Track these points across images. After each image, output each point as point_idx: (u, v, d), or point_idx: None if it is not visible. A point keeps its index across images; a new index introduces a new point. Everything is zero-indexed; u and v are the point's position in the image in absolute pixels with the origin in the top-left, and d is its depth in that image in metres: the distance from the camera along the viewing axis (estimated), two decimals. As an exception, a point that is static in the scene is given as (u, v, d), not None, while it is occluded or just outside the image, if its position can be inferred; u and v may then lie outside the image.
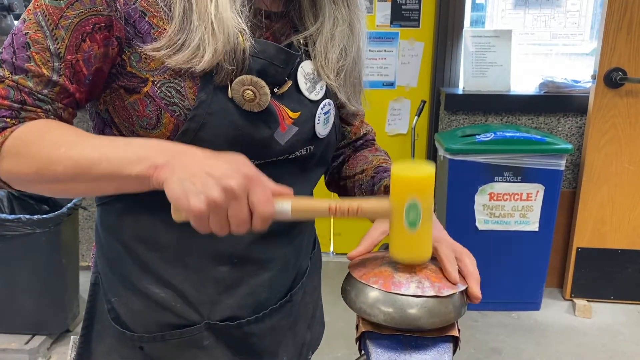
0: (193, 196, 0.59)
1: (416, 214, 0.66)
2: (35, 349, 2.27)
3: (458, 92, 2.94)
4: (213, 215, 0.60)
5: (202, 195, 0.58)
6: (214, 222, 0.61)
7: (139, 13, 0.70)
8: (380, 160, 0.94)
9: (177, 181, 0.60)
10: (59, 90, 0.70)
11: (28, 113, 0.69)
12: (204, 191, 0.59)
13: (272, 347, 0.87)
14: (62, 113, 0.72)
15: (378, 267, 0.73)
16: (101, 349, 0.85)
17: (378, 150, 1.01)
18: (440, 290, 0.69)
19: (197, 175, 0.59)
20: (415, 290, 0.68)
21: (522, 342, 2.53)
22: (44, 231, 2.21)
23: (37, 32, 0.68)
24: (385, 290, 0.68)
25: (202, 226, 0.62)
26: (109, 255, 0.84)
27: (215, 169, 0.60)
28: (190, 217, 0.61)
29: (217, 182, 0.59)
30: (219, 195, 0.59)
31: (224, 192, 0.59)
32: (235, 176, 0.60)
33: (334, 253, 3.29)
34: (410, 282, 0.69)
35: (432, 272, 0.72)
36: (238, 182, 0.59)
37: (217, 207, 0.59)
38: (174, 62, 0.69)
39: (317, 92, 0.82)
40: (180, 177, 0.60)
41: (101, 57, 0.71)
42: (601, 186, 2.74)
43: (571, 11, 3.06)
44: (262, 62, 0.74)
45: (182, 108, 0.71)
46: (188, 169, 0.60)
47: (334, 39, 0.81)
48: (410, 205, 0.66)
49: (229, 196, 0.59)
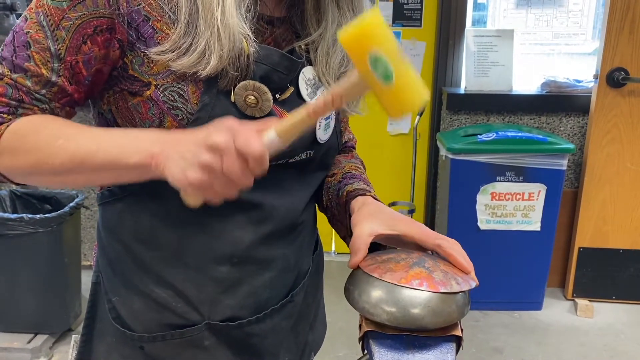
0: (188, 169, 0.59)
1: (383, 65, 0.61)
2: (37, 348, 2.28)
3: (460, 91, 2.94)
4: (214, 179, 0.60)
5: (194, 165, 0.59)
6: (218, 185, 0.60)
7: (142, 17, 0.70)
8: (351, 167, 0.94)
9: (173, 165, 0.61)
10: (57, 90, 0.70)
11: (25, 110, 0.70)
12: (193, 160, 0.59)
13: (273, 348, 0.87)
14: (59, 112, 0.72)
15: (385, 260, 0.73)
16: (102, 349, 0.85)
17: (354, 157, 1.01)
18: (464, 283, 0.70)
19: (185, 150, 0.60)
20: (453, 287, 0.69)
21: (523, 342, 2.53)
22: (46, 230, 2.21)
23: (38, 31, 0.68)
24: (432, 291, 0.68)
25: (212, 194, 0.61)
26: (110, 255, 0.84)
27: (197, 137, 0.60)
28: (196, 193, 0.61)
29: (202, 146, 0.59)
30: (207, 156, 0.59)
31: (211, 151, 0.59)
32: (216, 132, 0.59)
33: (335, 252, 3.29)
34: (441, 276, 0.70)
35: (445, 264, 0.73)
36: (220, 136, 0.59)
37: (211, 169, 0.59)
38: (179, 66, 0.69)
39: (318, 97, 0.82)
40: (175, 160, 0.61)
41: (101, 59, 0.71)
42: (603, 186, 2.74)
43: (573, 11, 3.05)
44: (265, 69, 0.74)
45: (184, 112, 0.71)
46: (179, 150, 0.61)
47: (336, 45, 0.81)
48: (373, 60, 0.61)
49: (216, 153, 0.59)
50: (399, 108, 0.65)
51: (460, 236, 0.78)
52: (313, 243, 0.97)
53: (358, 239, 0.77)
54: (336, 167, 0.95)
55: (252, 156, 0.59)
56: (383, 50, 0.61)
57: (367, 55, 0.61)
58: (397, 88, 0.63)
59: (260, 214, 0.80)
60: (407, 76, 0.63)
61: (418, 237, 0.77)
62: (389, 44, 0.62)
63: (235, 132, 0.60)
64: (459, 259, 0.73)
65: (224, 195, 0.62)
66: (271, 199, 0.80)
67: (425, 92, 0.65)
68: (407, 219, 0.80)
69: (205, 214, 0.76)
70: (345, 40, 0.62)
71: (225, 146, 0.59)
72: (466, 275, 0.73)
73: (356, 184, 0.89)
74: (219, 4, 0.69)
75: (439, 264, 0.72)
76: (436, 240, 0.75)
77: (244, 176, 0.61)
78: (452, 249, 0.74)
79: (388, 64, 0.61)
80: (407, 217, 0.81)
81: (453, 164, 2.59)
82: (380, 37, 0.61)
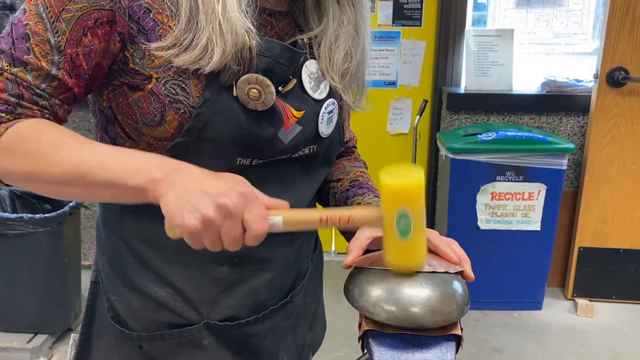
0: (188, 213, 0.59)
1: (407, 223, 0.66)
2: (37, 348, 2.28)
3: (460, 91, 2.94)
4: (206, 233, 0.61)
5: (196, 213, 0.59)
6: (207, 239, 0.61)
7: (143, 9, 0.69)
8: (357, 172, 0.95)
9: (173, 197, 0.60)
10: (57, 84, 0.69)
11: (24, 109, 0.68)
12: (198, 209, 0.59)
13: (272, 348, 0.87)
14: (58, 110, 0.71)
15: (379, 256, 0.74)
16: (101, 347, 0.85)
17: (357, 159, 1.01)
18: (449, 268, 0.72)
19: (192, 193, 0.60)
20: (427, 269, 0.71)
21: (523, 342, 2.53)
22: (46, 230, 2.21)
23: (37, 23, 0.67)
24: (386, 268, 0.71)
25: (195, 243, 0.62)
26: (109, 254, 0.84)
27: (211, 187, 0.60)
28: (184, 234, 0.61)
29: (212, 200, 0.59)
30: (214, 213, 0.59)
31: (219, 210, 0.59)
32: (230, 194, 0.60)
33: (335, 252, 3.29)
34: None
35: (434, 256, 0.76)
36: (233, 201, 0.60)
37: (211, 225, 0.60)
38: (182, 61, 0.69)
39: (321, 91, 0.81)
40: (177, 194, 0.60)
41: (102, 52, 0.70)
42: (603, 186, 2.74)
43: (573, 10, 3.05)
44: (267, 61, 0.74)
45: (186, 106, 0.71)
46: (185, 186, 0.61)
47: (338, 41, 0.81)
48: (401, 215, 0.65)
49: (223, 214, 0.60)
50: (401, 262, 0.70)
51: (460, 236, 0.79)
52: (313, 243, 0.97)
53: (356, 240, 0.78)
54: (341, 172, 0.95)
55: (254, 234, 0.61)
56: (414, 212, 0.65)
57: (398, 209, 0.66)
58: (406, 245, 0.67)
59: None
60: (419, 240, 0.68)
61: None
62: (421, 208, 0.66)
63: (248, 203, 0.61)
64: (446, 251, 0.76)
65: (207, 247, 0.63)
66: (274, 195, 0.79)
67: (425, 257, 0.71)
68: None
69: None
70: (386, 187, 0.66)
71: (233, 213, 0.60)
72: (455, 265, 0.75)
73: (367, 196, 0.89)
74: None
75: (429, 257, 0.74)
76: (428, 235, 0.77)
77: (236, 244, 0.62)
78: (437, 241, 0.77)
79: (411, 225, 0.66)
80: None
81: (453, 164, 2.58)
82: (418, 200, 0.66)
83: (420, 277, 0.70)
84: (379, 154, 3.15)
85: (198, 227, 0.59)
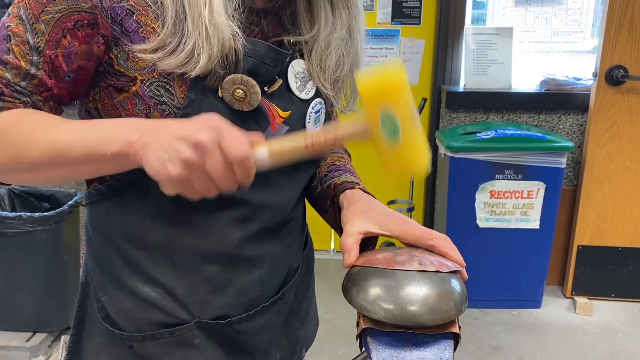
0: (169, 163, 0.58)
1: (393, 123, 0.60)
2: (36, 347, 2.28)
3: (459, 89, 2.94)
4: (194, 176, 0.59)
5: (176, 160, 0.58)
6: (197, 183, 0.60)
7: (125, 11, 0.69)
8: (335, 157, 0.94)
9: (152, 155, 0.60)
10: (37, 83, 0.70)
11: (6, 103, 0.69)
12: (176, 155, 0.58)
13: (264, 345, 0.87)
14: (42, 106, 0.72)
15: (378, 254, 0.73)
16: (91, 348, 0.85)
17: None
18: (441, 267, 0.71)
19: (167, 142, 0.59)
20: (417, 267, 0.69)
21: (522, 340, 2.53)
22: (45, 229, 2.21)
23: (18, 25, 0.68)
24: (388, 268, 0.69)
25: (190, 191, 0.61)
26: (98, 254, 0.83)
27: (182, 131, 0.59)
28: (174, 186, 0.60)
29: (186, 142, 0.58)
30: (191, 153, 0.58)
31: (195, 148, 0.58)
32: (202, 130, 0.59)
33: (334, 251, 3.30)
34: (412, 261, 0.70)
35: (431, 255, 0.74)
36: (206, 135, 0.58)
37: (193, 166, 0.59)
38: (167, 65, 0.69)
39: (307, 91, 0.81)
40: (154, 149, 0.60)
41: (84, 55, 0.70)
42: (602, 184, 2.74)
43: (572, 8, 3.05)
44: (253, 61, 0.73)
45: (171, 107, 0.71)
46: (158, 140, 0.60)
47: (330, 47, 0.80)
48: (384, 116, 0.60)
49: (200, 151, 0.58)
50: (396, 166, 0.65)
51: (459, 234, 0.79)
52: (303, 239, 0.97)
53: (349, 237, 0.77)
54: (320, 160, 0.94)
55: (235, 160, 0.59)
56: (396, 109, 0.59)
57: (380, 109, 0.60)
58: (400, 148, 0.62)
59: (248, 212, 0.79)
60: (413, 140, 0.62)
61: (410, 239, 0.77)
62: (404, 103, 0.60)
63: (221, 133, 0.59)
64: (454, 256, 0.75)
65: (203, 193, 0.62)
66: (260, 195, 0.79)
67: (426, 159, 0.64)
68: (398, 216, 0.80)
69: (193, 212, 0.75)
70: (362, 87, 0.61)
71: (210, 146, 0.58)
72: (457, 265, 0.75)
73: (343, 176, 0.88)
74: (206, 4, 0.68)
75: (430, 257, 0.73)
76: (429, 242, 0.76)
77: (225, 178, 0.60)
78: (445, 247, 0.75)
79: (397, 124, 0.60)
80: (398, 214, 0.80)
81: (452, 162, 2.58)
82: (398, 94, 0.59)
83: (418, 275, 0.70)
84: (378, 153, 3.14)
85: (183, 173, 0.58)
